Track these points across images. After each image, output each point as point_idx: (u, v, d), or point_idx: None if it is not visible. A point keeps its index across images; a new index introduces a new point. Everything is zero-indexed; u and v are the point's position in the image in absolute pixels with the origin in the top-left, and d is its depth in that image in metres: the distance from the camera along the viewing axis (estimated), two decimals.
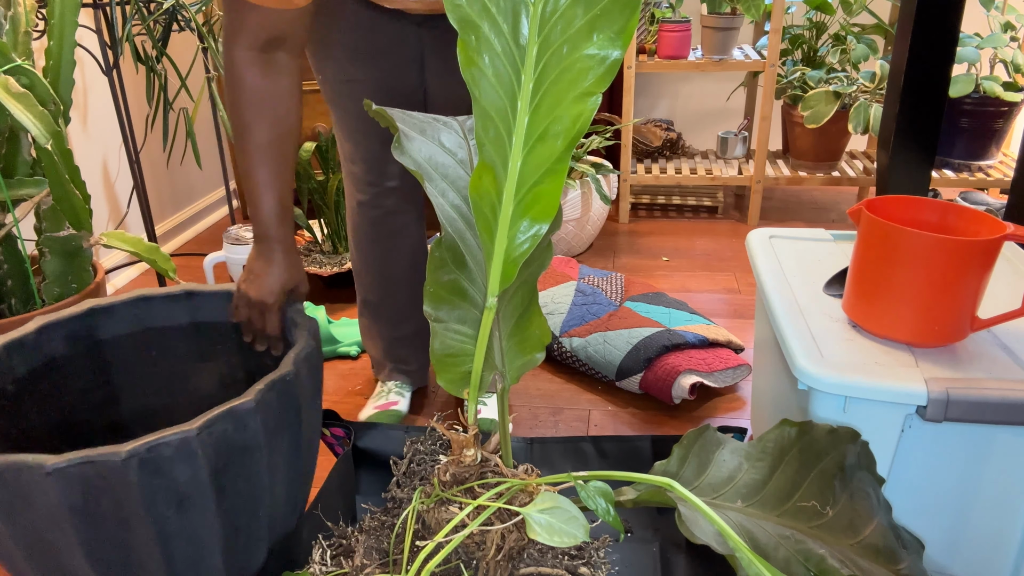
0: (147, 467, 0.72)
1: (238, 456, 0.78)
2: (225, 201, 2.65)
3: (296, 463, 0.89)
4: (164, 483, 0.73)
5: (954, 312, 0.84)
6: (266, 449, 0.80)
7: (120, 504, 0.73)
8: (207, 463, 0.75)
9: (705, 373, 1.40)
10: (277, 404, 0.81)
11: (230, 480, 0.79)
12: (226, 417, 0.76)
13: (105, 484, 0.71)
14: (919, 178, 1.30)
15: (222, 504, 0.79)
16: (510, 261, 0.78)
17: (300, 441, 0.88)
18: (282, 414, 0.83)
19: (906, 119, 1.26)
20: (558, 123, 0.73)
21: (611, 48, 0.71)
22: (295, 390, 0.84)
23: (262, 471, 0.81)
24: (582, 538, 0.72)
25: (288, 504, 0.90)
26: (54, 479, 0.70)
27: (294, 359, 0.85)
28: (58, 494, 0.70)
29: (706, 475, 0.84)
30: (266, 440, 0.80)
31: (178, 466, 0.73)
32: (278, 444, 0.83)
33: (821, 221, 2.41)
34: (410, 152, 0.84)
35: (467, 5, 0.73)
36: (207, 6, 1.85)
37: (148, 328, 1.02)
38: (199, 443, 0.74)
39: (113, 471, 0.70)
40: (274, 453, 0.83)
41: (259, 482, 0.82)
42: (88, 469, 0.70)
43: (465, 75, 0.74)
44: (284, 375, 0.82)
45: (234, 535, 0.82)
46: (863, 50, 2.24)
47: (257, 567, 0.89)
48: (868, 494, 0.76)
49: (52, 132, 1.17)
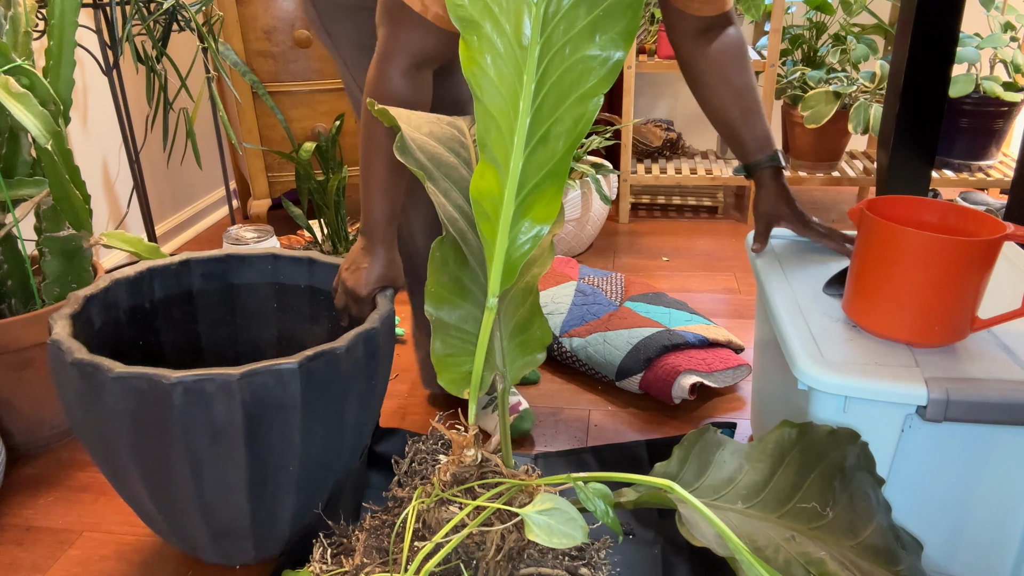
0: (190, 395, 0.81)
1: (272, 410, 0.85)
2: (225, 201, 2.65)
3: (333, 437, 0.94)
4: (201, 413, 0.82)
5: (954, 312, 0.84)
6: (301, 411, 0.86)
7: (163, 420, 0.83)
8: (242, 407, 0.83)
9: (705, 373, 1.40)
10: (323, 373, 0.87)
11: (262, 429, 0.85)
12: (265, 372, 0.83)
13: (154, 400, 0.81)
14: (919, 178, 1.30)
15: (252, 447, 0.86)
16: (511, 262, 0.78)
17: (340, 416, 0.93)
18: (325, 385, 0.88)
19: (906, 119, 1.26)
20: (560, 124, 0.73)
21: (613, 49, 0.71)
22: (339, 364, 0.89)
23: (294, 430, 0.87)
24: (581, 540, 0.72)
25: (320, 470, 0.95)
26: (116, 383, 0.81)
27: (351, 336, 0.90)
28: (118, 397, 0.82)
29: (706, 476, 0.84)
30: (302, 403, 0.86)
31: (217, 402, 0.82)
32: (314, 410, 0.88)
33: (821, 221, 2.40)
34: (413, 152, 0.84)
35: (469, 5, 0.73)
36: (207, 6, 1.85)
37: (274, 283, 1.16)
38: (238, 387, 0.81)
39: (161, 391, 0.81)
40: (308, 418, 0.88)
41: (291, 439, 0.88)
42: (142, 383, 0.81)
43: (467, 75, 0.75)
44: (334, 349, 0.88)
45: (261, 482, 0.90)
46: (863, 50, 2.24)
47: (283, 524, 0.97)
48: (868, 495, 0.76)
49: (52, 132, 1.17)
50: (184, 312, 1.13)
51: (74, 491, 1.22)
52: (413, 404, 1.44)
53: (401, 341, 1.68)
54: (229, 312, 1.16)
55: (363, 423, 0.99)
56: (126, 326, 1.08)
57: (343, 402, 0.92)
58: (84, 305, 1.00)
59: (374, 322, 0.95)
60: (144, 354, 1.10)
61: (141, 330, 1.09)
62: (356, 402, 0.94)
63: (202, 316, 1.15)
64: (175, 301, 1.12)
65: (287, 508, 0.95)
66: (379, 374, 0.98)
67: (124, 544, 1.10)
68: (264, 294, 1.16)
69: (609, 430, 1.35)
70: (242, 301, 1.16)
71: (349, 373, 0.90)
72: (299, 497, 0.95)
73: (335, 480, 1.00)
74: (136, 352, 1.09)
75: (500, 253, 0.77)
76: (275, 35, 2.01)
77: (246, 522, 0.94)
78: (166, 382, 0.80)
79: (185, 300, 1.13)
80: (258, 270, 1.15)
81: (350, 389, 0.92)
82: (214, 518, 0.93)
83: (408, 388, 1.50)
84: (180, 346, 1.15)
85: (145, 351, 1.10)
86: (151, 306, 1.10)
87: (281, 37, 2.02)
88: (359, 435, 1.00)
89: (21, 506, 1.19)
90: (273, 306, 1.17)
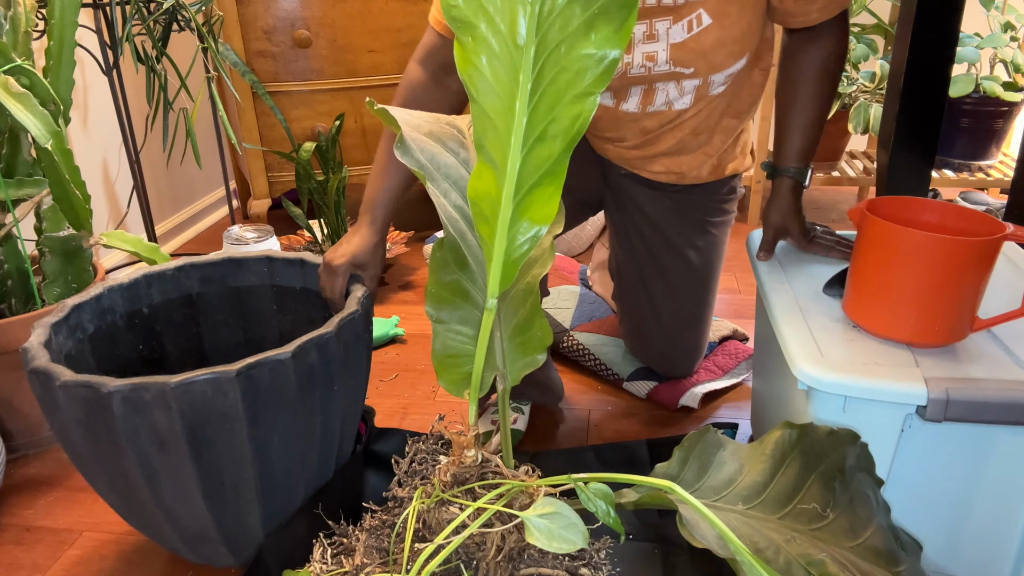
0: (128, 404, 0.80)
1: (216, 419, 0.83)
2: (225, 201, 2.65)
3: (294, 446, 0.91)
4: (143, 421, 0.81)
5: (954, 312, 0.84)
6: (246, 420, 0.85)
7: (109, 428, 0.82)
8: (180, 416, 0.81)
9: (719, 378, 1.42)
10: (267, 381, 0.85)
11: (207, 437, 0.84)
12: (202, 381, 0.81)
13: (98, 408, 0.81)
14: (919, 178, 1.30)
15: (200, 456, 0.85)
16: (510, 262, 0.78)
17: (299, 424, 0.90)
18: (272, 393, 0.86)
19: (906, 119, 1.26)
20: (557, 123, 0.72)
21: (609, 47, 0.70)
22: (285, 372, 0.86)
23: (242, 439, 0.86)
24: (581, 544, 0.72)
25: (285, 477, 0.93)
26: (63, 391, 0.81)
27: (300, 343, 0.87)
28: (68, 404, 0.82)
29: (707, 477, 0.84)
30: (246, 413, 0.84)
31: (155, 411, 0.81)
32: (262, 419, 0.86)
33: (821, 221, 2.40)
34: (412, 152, 0.84)
35: (463, 5, 0.73)
36: (207, 6, 1.85)
37: (271, 285, 1.16)
38: (173, 396, 0.80)
39: (103, 399, 0.80)
40: (257, 428, 0.86)
41: (240, 448, 0.86)
42: (85, 391, 0.80)
43: (462, 76, 0.74)
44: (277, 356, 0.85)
45: (218, 490, 0.88)
46: (863, 50, 2.24)
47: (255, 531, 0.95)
48: (868, 496, 0.76)
49: (52, 132, 1.17)
50: (184, 316, 1.14)
51: (74, 491, 1.22)
52: (413, 404, 1.44)
53: (401, 341, 1.68)
54: (231, 315, 1.17)
55: (331, 430, 0.96)
56: (124, 331, 1.08)
57: (299, 409, 0.89)
58: (72, 312, 0.99)
59: (330, 327, 0.91)
60: (145, 359, 1.11)
61: (142, 335, 1.10)
62: (317, 409, 0.91)
63: (203, 320, 1.15)
64: (174, 305, 1.12)
65: (254, 515, 0.93)
66: (343, 379, 0.94)
67: (124, 544, 1.10)
68: (263, 296, 1.16)
69: (609, 430, 1.35)
70: (242, 304, 1.17)
71: (302, 380, 0.87)
72: (267, 505, 0.93)
73: (311, 487, 0.98)
74: (137, 357, 1.10)
75: (499, 254, 0.77)
76: (275, 35, 2.01)
77: (212, 529, 0.92)
78: (104, 390, 0.79)
79: (184, 304, 1.13)
80: (255, 272, 1.15)
81: (306, 396, 0.89)
82: (180, 525, 0.92)
83: (408, 388, 1.50)
84: (184, 350, 1.15)
85: (146, 356, 1.11)
86: (150, 311, 1.10)
87: (281, 37, 2.01)
88: (330, 442, 0.97)
89: (21, 506, 1.19)
90: (273, 308, 1.17)
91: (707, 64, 1.05)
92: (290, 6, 1.99)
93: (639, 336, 1.41)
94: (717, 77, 1.08)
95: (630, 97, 1.12)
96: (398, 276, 2.04)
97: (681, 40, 1.02)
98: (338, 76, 2.08)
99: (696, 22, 1.01)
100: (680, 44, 1.03)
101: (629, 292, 1.37)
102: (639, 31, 1.03)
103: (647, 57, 1.05)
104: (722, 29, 1.01)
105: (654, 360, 1.41)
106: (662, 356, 1.39)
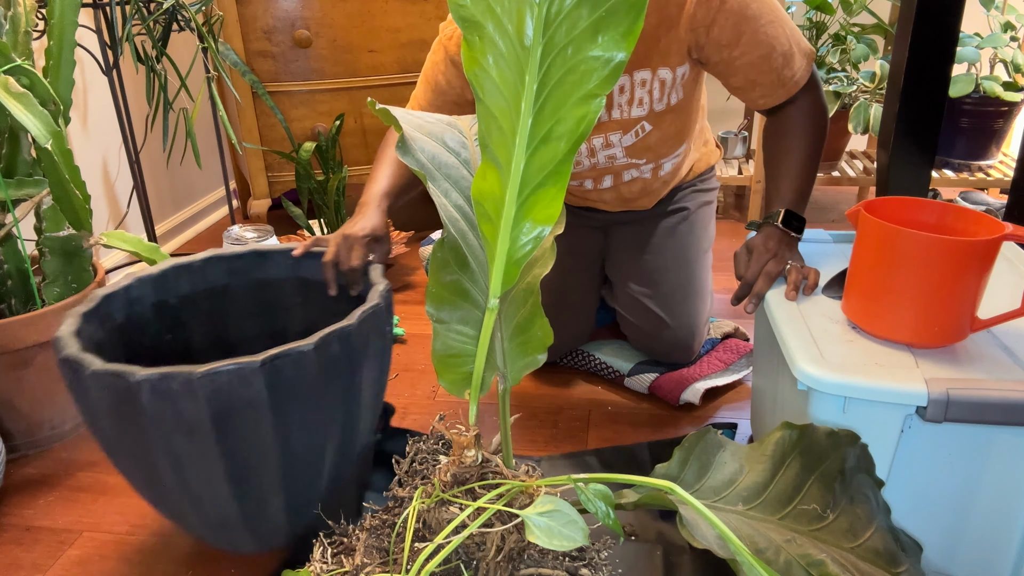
0: (156, 393, 0.82)
1: (241, 408, 0.84)
2: (225, 201, 2.65)
3: (315, 436, 0.93)
4: (170, 410, 0.82)
5: (954, 312, 0.84)
6: (270, 410, 0.86)
7: (137, 416, 0.83)
8: (208, 405, 0.83)
9: (721, 372, 1.43)
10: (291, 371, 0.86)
11: (232, 426, 0.85)
12: (227, 371, 0.82)
13: (126, 397, 0.82)
14: (919, 178, 1.30)
15: (225, 444, 0.86)
16: (512, 263, 0.78)
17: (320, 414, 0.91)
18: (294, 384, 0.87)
19: (906, 119, 1.26)
20: (562, 125, 0.73)
21: (616, 50, 0.70)
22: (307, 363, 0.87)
23: (267, 428, 0.87)
24: (581, 542, 0.72)
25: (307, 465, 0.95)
26: (92, 379, 0.83)
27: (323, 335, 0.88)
28: (97, 393, 0.84)
29: (707, 478, 0.84)
30: (270, 402, 0.85)
31: (182, 400, 0.82)
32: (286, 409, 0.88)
33: (821, 221, 2.41)
34: (413, 152, 0.84)
35: (471, 5, 0.73)
36: (207, 6, 1.85)
37: (297, 277, 1.17)
38: (200, 385, 0.81)
39: (131, 388, 0.81)
40: (280, 417, 0.88)
41: (265, 437, 0.87)
42: (114, 380, 0.82)
43: (469, 75, 0.75)
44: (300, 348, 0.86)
45: (243, 478, 0.90)
46: (863, 50, 2.24)
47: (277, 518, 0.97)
48: (868, 497, 0.76)
49: (52, 132, 1.17)
50: (211, 307, 1.16)
51: (74, 491, 1.22)
52: (413, 404, 1.44)
53: (401, 341, 1.68)
54: (256, 306, 1.19)
55: (350, 423, 0.98)
56: (153, 321, 1.10)
57: (320, 400, 0.90)
58: (102, 302, 1.01)
59: (352, 319, 0.92)
60: (172, 349, 1.13)
61: (169, 325, 1.12)
62: (338, 400, 0.93)
63: (229, 310, 1.17)
64: (201, 296, 1.15)
65: (277, 503, 0.95)
66: (364, 371, 0.96)
67: (124, 544, 1.10)
68: (288, 288, 1.18)
69: (609, 431, 1.35)
70: (267, 295, 1.19)
71: (324, 371, 0.89)
72: (289, 492, 0.95)
73: (330, 477, 0.99)
74: (165, 347, 1.13)
75: (501, 254, 0.77)
76: (275, 35, 2.01)
77: (236, 516, 0.94)
78: (132, 379, 0.81)
79: (211, 295, 1.15)
80: (280, 265, 1.17)
81: (328, 387, 0.90)
82: (204, 511, 0.93)
83: (408, 388, 1.50)
84: (210, 340, 1.17)
85: (173, 346, 1.13)
86: (177, 301, 1.12)
87: (281, 37, 2.01)
88: (351, 431, 0.99)
89: (21, 506, 1.19)
90: (298, 300, 1.19)
91: (655, 154, 1.32)
92: (290, 6, 1.99)
93: (639, 315, 1.43)
94: (665, 161, 1.35)
95: (604, 179, 1.38)
96: (398, 276, 2.04)
97: (631, 143, 1.29)
98: (338, 76, 2.08)
99: (640, 130, 1.27)
100: (631, 145, 1.29)
101: (625, 277, 1.45)
102: (597, 141, 1.29)
103: (608, 157, 1.32)
104: (661, 131, 1.28)
105: (655, 341, 1.43)
106: (662, 330, 1.41)
